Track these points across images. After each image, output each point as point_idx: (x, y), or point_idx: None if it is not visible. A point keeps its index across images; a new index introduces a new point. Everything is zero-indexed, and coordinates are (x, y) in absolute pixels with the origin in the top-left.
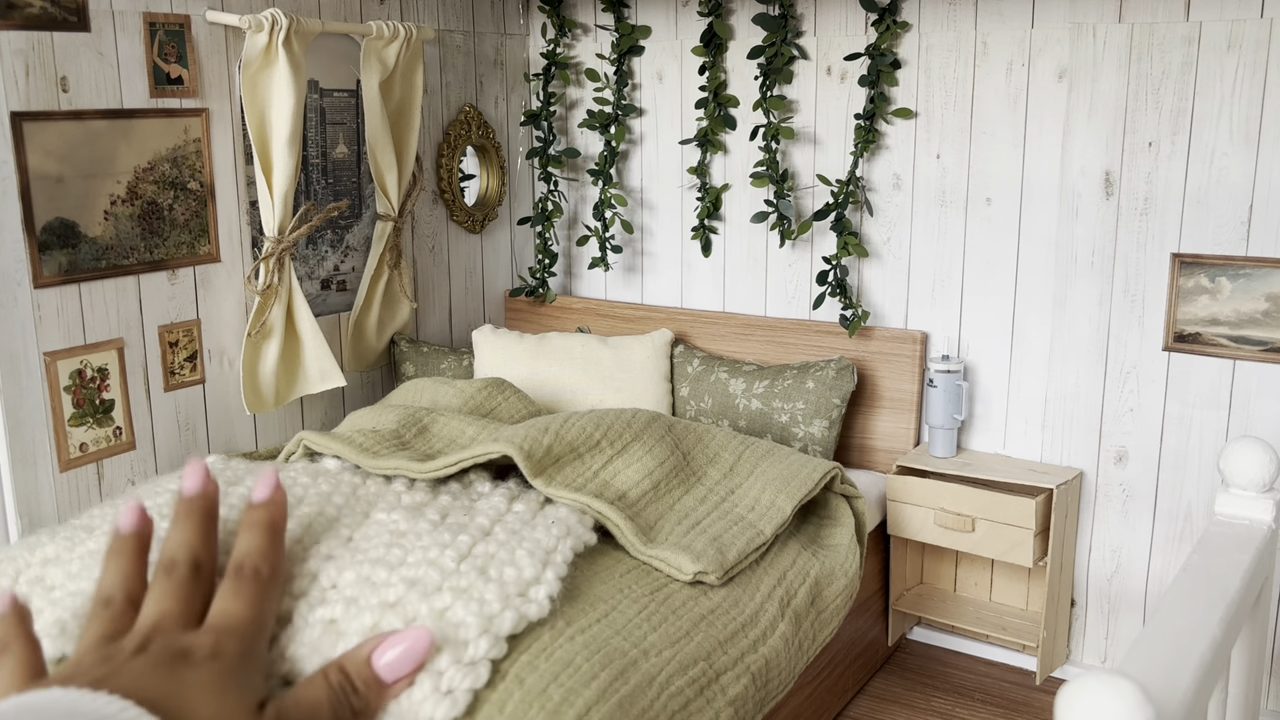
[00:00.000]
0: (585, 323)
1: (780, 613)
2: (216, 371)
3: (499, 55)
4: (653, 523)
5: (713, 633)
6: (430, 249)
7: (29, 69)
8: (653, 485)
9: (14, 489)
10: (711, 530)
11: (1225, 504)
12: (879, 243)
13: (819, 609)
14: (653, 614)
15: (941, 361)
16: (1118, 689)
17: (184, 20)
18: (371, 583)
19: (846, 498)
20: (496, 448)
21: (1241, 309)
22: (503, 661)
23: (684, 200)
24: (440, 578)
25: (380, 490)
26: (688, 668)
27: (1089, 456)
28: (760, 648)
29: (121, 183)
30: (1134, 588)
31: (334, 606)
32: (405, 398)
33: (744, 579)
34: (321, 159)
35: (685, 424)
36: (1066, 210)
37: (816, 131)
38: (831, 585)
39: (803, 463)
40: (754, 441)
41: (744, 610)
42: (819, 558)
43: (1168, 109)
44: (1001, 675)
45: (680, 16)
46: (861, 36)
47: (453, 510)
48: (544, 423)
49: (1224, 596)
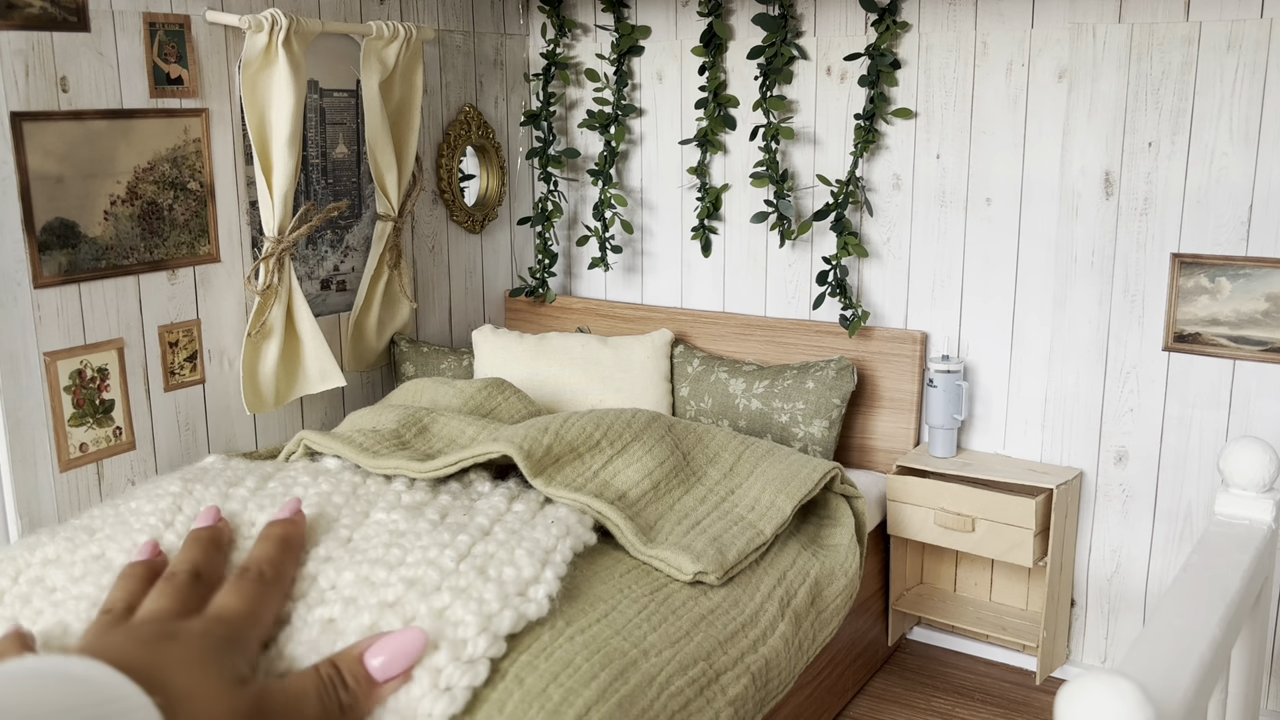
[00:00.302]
0: (585, 323)
1: (780, 613)
2: (216, 371)
3: (499, 55)
4: (652, 523)
5: (713, 633)
6: (430, 249)
7: (29, 69)
8: (653, 485)
9: (14, 489)
10: (711, 530)
11: (1225, 504)
12: (879, 243)
13: (819, 609)
14: (653, 614)
15: (941, 361)
16: (1118, 689)
17: (184, 20)
18: (371, 582)
19: (846, 498)
20: (496, 447)
21: (1241, 309)
22: (502, 661)
23: (684, 200)
24: (439, 577)
25: (380, 490)
26: (688, 668)
27: (1089, 456)
28: (760, 648)
29: (121, 183)
30: (1134, 588)
31: (333, 606)
32: (405, 398)
33: (744, 579)
34: (321, 159)
35: (685, 424)
36: (1066, 210)
37: (816, 131)
38: (831, 585)
39: (803, 463)
40: (754, 441)
41: (744, 610)
42: (819, 558)
43: (1168, 109)
44: (1001, 675)
45: (680, 16)
46: (861, 36)
47: (452, 510)
48: (544, 422)
49: (1224, 596)
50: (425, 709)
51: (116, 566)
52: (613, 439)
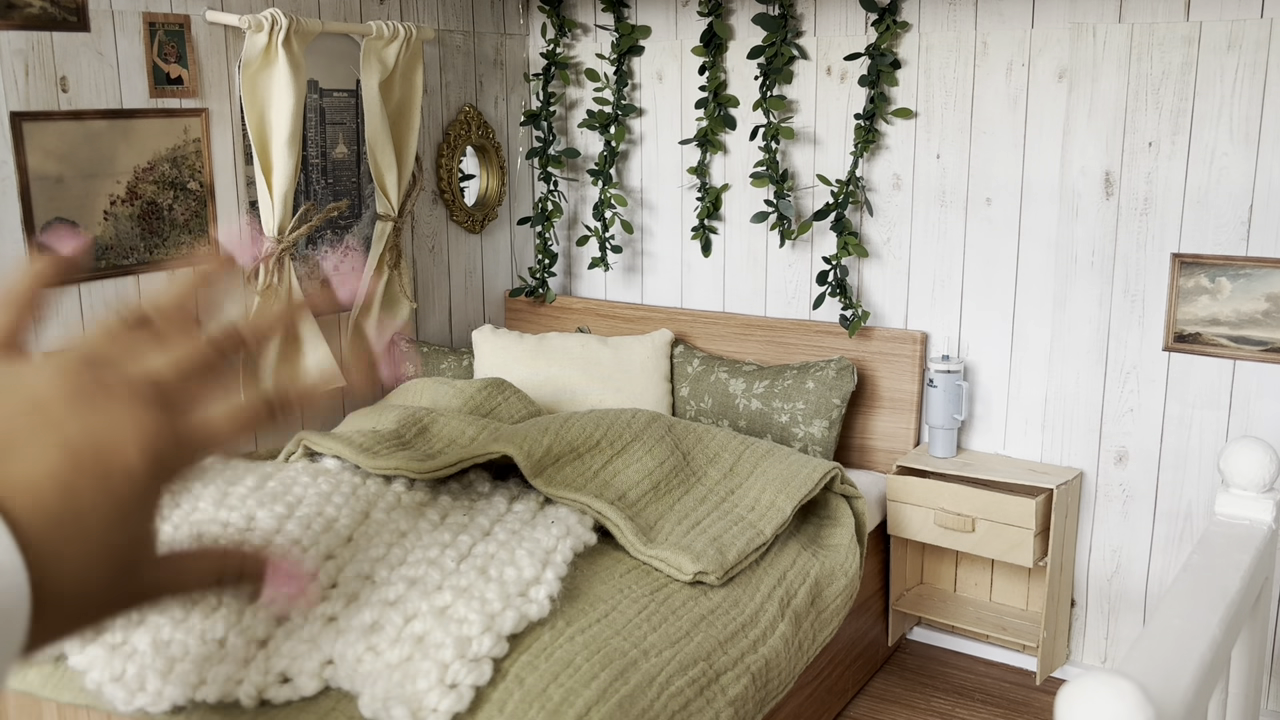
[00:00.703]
0: (585, 323)
1: (780, 613)
2: None
3: (499, 55)
4: (653, 523)
5: (713, 633)
6: (430, 249)
7: (29, 69)
8: (652, 485)
9: None
10: (711, 530)
11: (1225, 504)
12: (879, 243)
13: (819, 609)
14: (653, 614)
15: (941, 361)
16: (1118, 689)
17: (184, 20)
18: (372, 581)
19: (846, 498)
20: (497, 448)
21: (1241, 309)
22: (503, 660)
23: (684, 200)
24: (440, 577)
25: (380, 490)
26: (688, 668)
27: (1089, 457)
28: (760, 648)
29: (121, 183)
30: (1134, 588)
31: (334, 604)
32: (405, 398)
33: (744, 579)
34: (321, 159)
35: (685, 424)
36: (1066, 210)
37: (816, 131)
38: (831, 585)
39: (803, 463)
40: (754, 441)
41: (744, 610)
42: (819, 558)
43: (1168, 109)
44: (1001, 675)
45: (680, 16)
46: (861, 36)
47: (453, 510)
48: (544, 423)
49: (1224, 597)
50: (432, 703)
51: None
52: (613, 439)
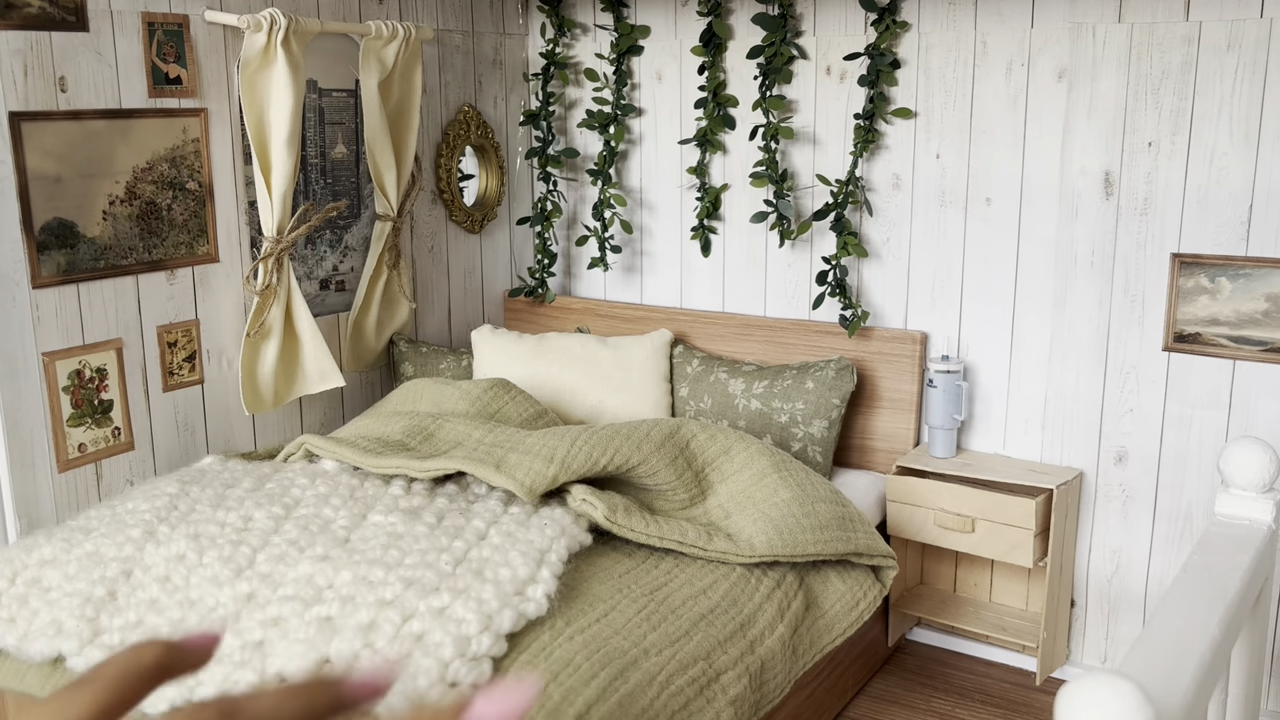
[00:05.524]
0: (584, 323)
1: (779, 614)
2: (215, 372)
3: (498, 55)
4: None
5: (712, 632)
6: (429, 249)
7: (27, 69)
8: (649, 502)
9: (12, 490)
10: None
11: (1225, 504)
12: (879, 243)
13: (814, 616)
14: (652, 613)
15: (941, 362)
16: (1118, 689)
17: (182, 20)
18: (369, 582)
19: (874, 569)
20: (499, 480)
21: (1241, 309)
22: (503, 660)
23: (683, 200)
24: (437, 578)
25: (377, 493)
26: (688, 667)
27: (1089, 457)
28: (758, 648)
29: (120, 183)
30: (1134, 588)
31: (330, 605)
32: (405, 398)
33: (744, 579)
34: (320, 159)
35: (702, 443)
36: (1066, 210)
37: (816, 131)
38: (830, 617)
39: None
40: (782, 464)
41: (743, 610)
42: (829, 583)
43: (1167, 109)
44: (1001, 676)
45: (680, 16)
46: (861, 36)
47: (449, 513)
48: (550, 447)
49: (1224, 597)
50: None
51: (109, 562)
52: (619, 464)
